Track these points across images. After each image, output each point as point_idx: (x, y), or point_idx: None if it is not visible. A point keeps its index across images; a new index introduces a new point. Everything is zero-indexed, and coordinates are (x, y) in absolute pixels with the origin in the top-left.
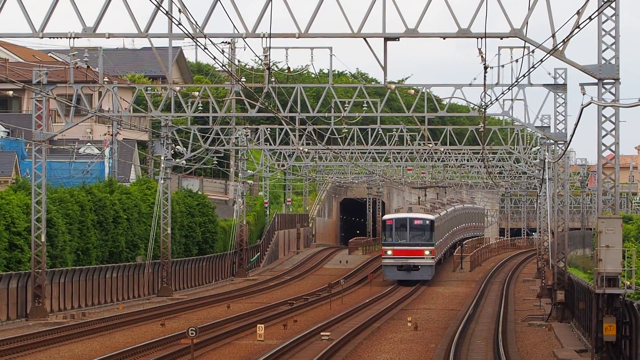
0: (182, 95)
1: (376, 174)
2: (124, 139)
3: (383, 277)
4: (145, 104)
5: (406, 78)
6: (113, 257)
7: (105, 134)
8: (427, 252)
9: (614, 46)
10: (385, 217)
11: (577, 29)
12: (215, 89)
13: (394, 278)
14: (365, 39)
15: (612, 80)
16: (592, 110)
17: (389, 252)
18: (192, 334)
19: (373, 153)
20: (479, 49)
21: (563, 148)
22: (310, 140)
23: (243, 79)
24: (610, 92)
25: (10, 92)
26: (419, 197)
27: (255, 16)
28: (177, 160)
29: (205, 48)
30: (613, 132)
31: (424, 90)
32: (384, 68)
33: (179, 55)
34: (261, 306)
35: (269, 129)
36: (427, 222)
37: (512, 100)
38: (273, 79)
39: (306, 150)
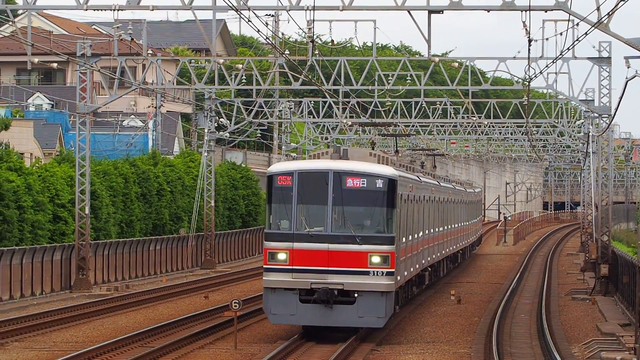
0: (226, 67)
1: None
2: (167, 111)
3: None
4: (189, 77)
5: (450, 51)
6: (157, 230)
7: (149, 107)
8: (376, 259)
9: None
10: (275, 168)
11: (622, 2)
12: (259, 61)
13: (293, 321)
14: (409, 11)
15: None
16: (637, 83)
17: (281, 256)
18: (235, 306)
19: (416, 126)
20: (524, 22)
21: (607, 121)
22: (354, 113)
23: (287, 52)
24: None
25: (55, 65)
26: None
27: None
28: (221, 132)
29: (249, 21)
30: None
31: (467, 64)
32: (428, 41)
33: (222, 27)
34: None
35: (312, 102)
36: (380, 182)
37: (556, 73)
38: (317, 52)
39: (349, 123)
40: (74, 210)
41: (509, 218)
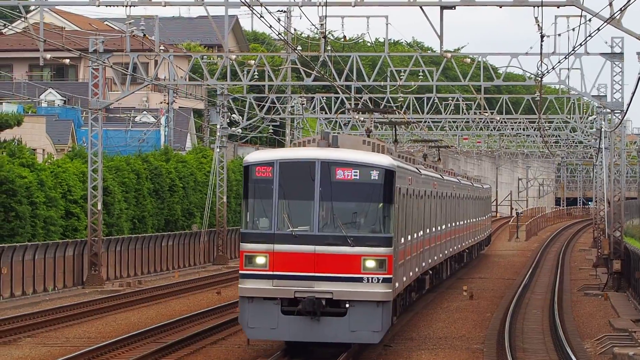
0: (238, 63)
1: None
2: (179, 107)
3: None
4: (201, 73)
5: (462, 47)
6: (169, 226)
7: (161, 103)
8: (370, 263)
9: None
10: (253, 157)
11: None
12: (271, 57)
13: (273, 336)
14: (421, 7)
15: None
16: None
17: (259, 260)
18: None
19: (429, 122)
20: (536, 18)
21: (620, 117)
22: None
23: (299, 48)
24: None
25: (67, 61)
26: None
27: None
28: (233, 128)
29: (261, 16)
30: None
31: (480, 59)
32: (440, 37)
33: (235, 23)
34: None
35: (324, 98)
36: (376, 174)
37: (568, 69)
38: (329, 48)
39: (362, 119)
40: (86, 206)
41: (521, 213)
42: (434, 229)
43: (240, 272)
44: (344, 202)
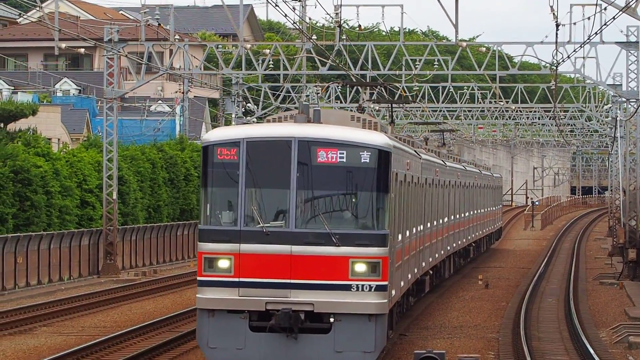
0: (253, 53)
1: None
2: (194, 96)
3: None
4: (216, 62)
5: (477, 36)
6: (184, 215)
7: (176, 92)
8: (361, 267)
9: None
10: (214, 135)
11: None
12: (286, 46)
13: (240, 358)
14: None
15: None
16: None
17: (222, 264)
18: None
19: (444, 111)
20: (551, 7)
21: (635, 106)
22: (381, 97)
23: (314, 37)
24: None
25: (82, 50)
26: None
27: None
28: (248, 117)
29: (276, 5)
30: None
31: (495, 48)
32: (455, 26)
33: (250, 12)
34: None
35: (339, 87)
36: (367, 155)
37: (583, 58)
38: (344, 37)
39: (377, 108)
40: (102, 196)
41: (537, 203)
42: (435, 222)
43: (198, 278)
44: (328, 191)
